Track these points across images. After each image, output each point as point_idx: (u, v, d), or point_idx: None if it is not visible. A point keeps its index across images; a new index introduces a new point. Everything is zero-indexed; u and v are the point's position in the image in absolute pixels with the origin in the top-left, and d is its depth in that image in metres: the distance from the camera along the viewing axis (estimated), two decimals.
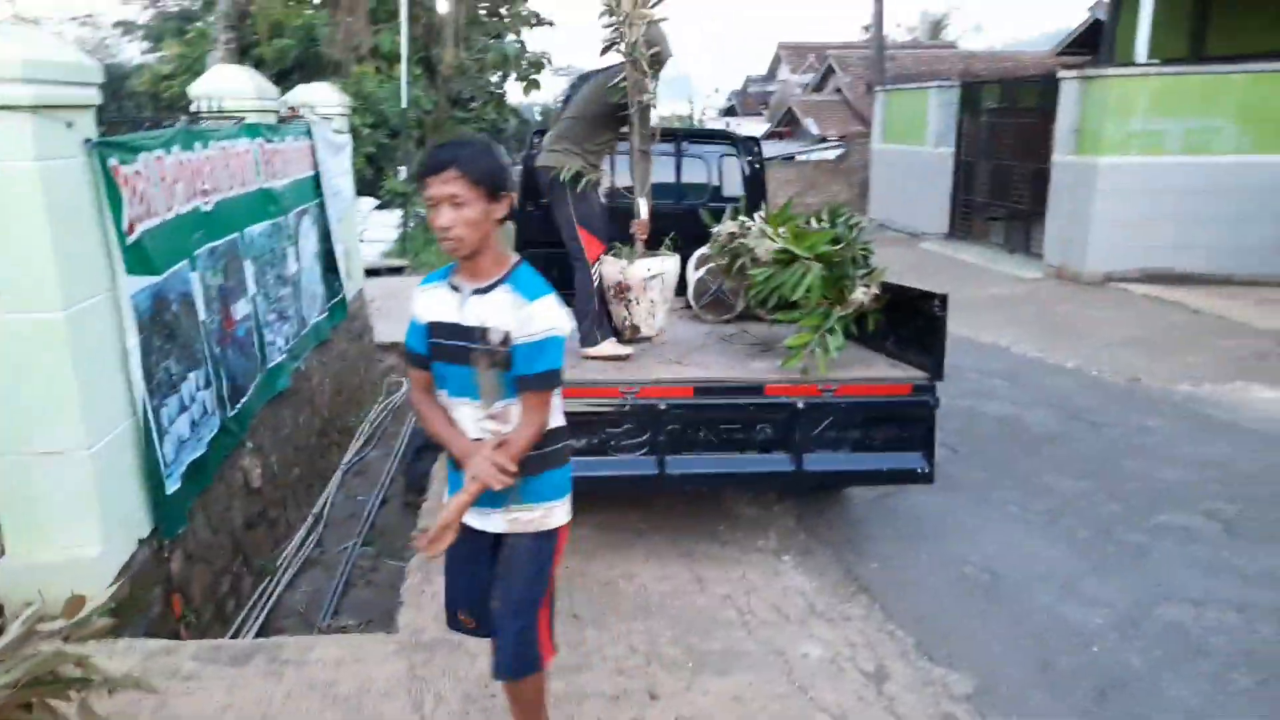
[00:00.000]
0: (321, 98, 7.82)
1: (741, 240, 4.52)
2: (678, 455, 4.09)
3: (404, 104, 16.79)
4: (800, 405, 4.12)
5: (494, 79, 23.44)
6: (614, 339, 4.65)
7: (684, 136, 6.57)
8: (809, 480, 4.24)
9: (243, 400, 4.84)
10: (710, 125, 24.26)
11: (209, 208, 4.63)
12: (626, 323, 4.80)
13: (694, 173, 6.63)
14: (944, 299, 4.14)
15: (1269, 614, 3.84)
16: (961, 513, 4.88)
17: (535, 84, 24.14)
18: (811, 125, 28.49)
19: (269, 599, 4.67)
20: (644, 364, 4.45)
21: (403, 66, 16.59)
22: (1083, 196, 12.01)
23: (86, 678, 2.17)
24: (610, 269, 4.76)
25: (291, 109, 6.98)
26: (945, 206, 15.82)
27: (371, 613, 4.70)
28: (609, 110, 4.65)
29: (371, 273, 13.47)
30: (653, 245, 5.00)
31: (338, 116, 8.13)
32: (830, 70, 31.54)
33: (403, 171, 17.34)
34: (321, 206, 7.02)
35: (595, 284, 4.66)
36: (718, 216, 5.78)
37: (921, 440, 4.24)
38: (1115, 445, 5.95)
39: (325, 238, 7.07)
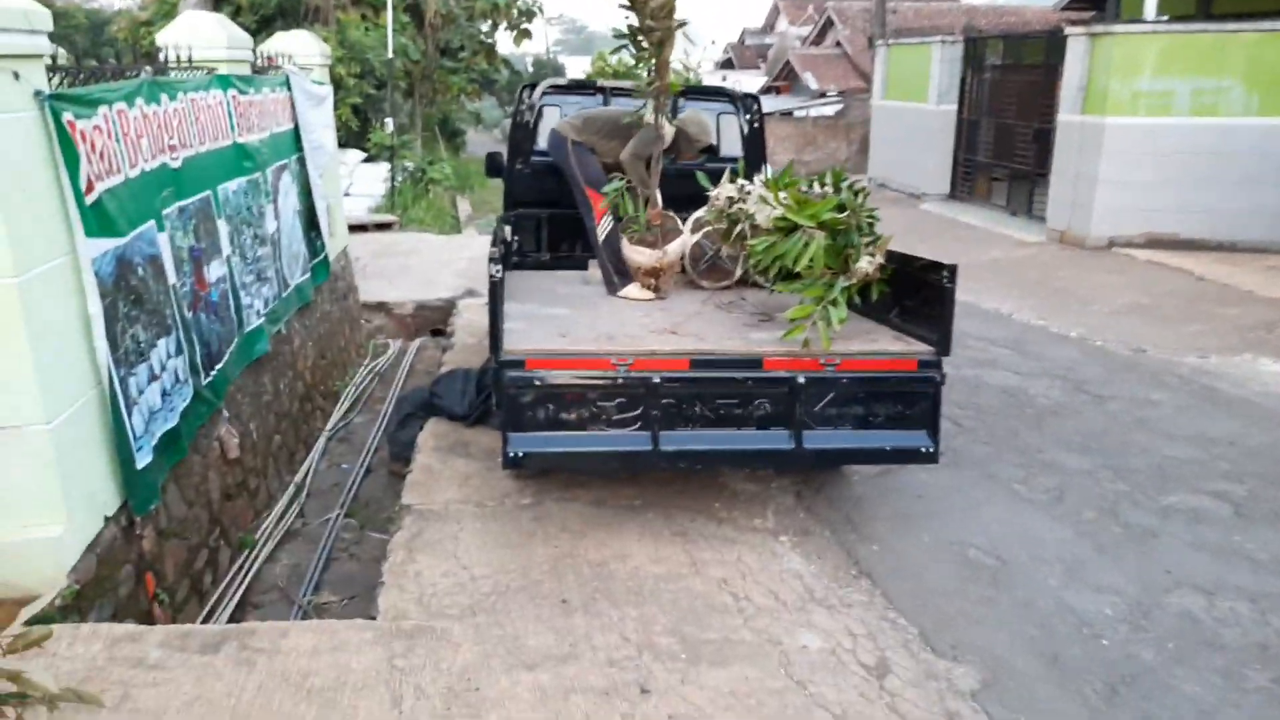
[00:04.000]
0: (300, 47, 7.48)
1: (740, 205, 4.29)
2: (672, 431, 3.91)
3: (390, 53, 16.32)
4: (801, 380, 3.93)
5: (484, 28, 22.86)
6: (638, 284, 5.06)
7: (680, 94, 6.28)
8: (808, 459, 4.07)
9: (218, 366, 4.63)
10: (706, 78, 23.69)
11: (177, 164, 4.37)
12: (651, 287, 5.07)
13: None
14: (953, 270, 3.94)
15: None
16: (965, 490, 4.72)
17: (526, 34, 23.59)
18: (810, 79, 27.99)
19: (247, 574, 4.50)
20: (637, 333, 4.25)
21: (388, 14, 16.10)
22: (1088, 158, 11.75)
23: (22, 694, 2.00)
24: (642, 257, 4.99)
25: (268, 59, 6.67)
26: (947, 166, 15.52)
27: (354, 588, 4.54)
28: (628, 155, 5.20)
29: (358, 229, 13.16)
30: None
31: (318, 67, 7.81)
32: (830, 23, 30.90)
33: (390, 124, 16.91)
34: (302, 161, 6.73)
35: (602, 234, 5.12)
36: (715, 178, 5.59)
37: (926, 418, 4.07)
38: (1120, 419, 5.79)
39: (306, 194, 6.79)
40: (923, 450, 4.06)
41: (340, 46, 16.43)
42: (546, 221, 6.24)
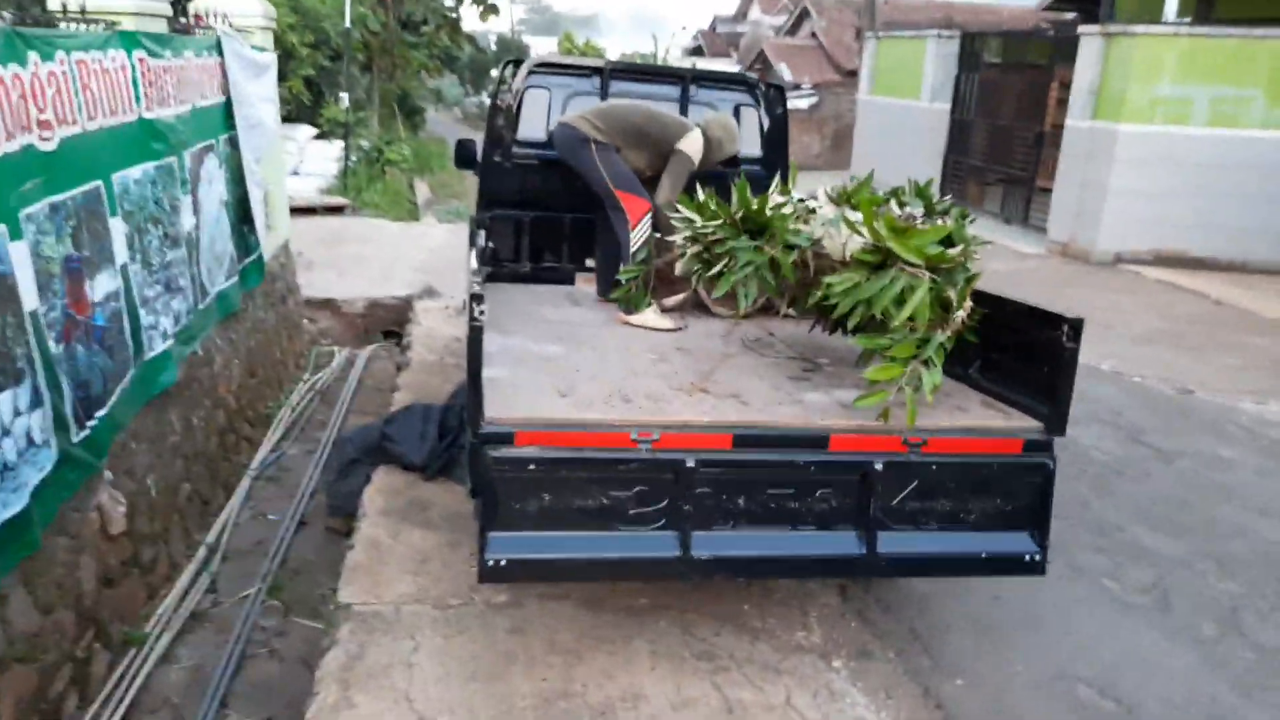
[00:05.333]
0: (239, 6, 6.32)
1: (800, 225, 3.30)
2: (708, 531, 2.92)
3: (348, 23, 15.03)
4: (878, 466, 2.97)
5: (449, 2, 21.57)
6: (655, 308, 4.29)
7: (693, 79, 5.29)
8: (882, 567, 3.10)
9: (101, 413, 3.54)
10: (675, 66, 22.68)
11: (50, 146, 3.27)
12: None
13: None
14: (1077, 326, 3.02)
15: None
16: (1049, 587, 3.81)
17: (493, 9, 22.35)
18: (785, 71, 27.09)
19: (130, 687, 3.43)
20: (656, 389, 3.25)
21: None
22: (1098, 166, 10.99)
23: None
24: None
25: (196, 17, 5.52)
26: (938, 168, 14.69)
27: (272, 704, 3.50)
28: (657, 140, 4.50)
29: (306, 211, 11.96)
30: None
31: (260, 30, 6.65)
32: (805, 13, 30.04)
33: (345, 98, 15.63)
34: (234, 142, 5.60)
35: (639, 243, 4.37)
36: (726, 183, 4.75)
37: (1032, 516, 3.14)
38: (1196, 485, 4.95)
39: (238, 181, 5.66)
40: (1026, 559, 3.13)
41: (293, 13, 15.10)
42: (529, 226, 5.21)
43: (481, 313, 2.69)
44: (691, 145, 4.49)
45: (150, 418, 4.12)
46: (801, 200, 3.41)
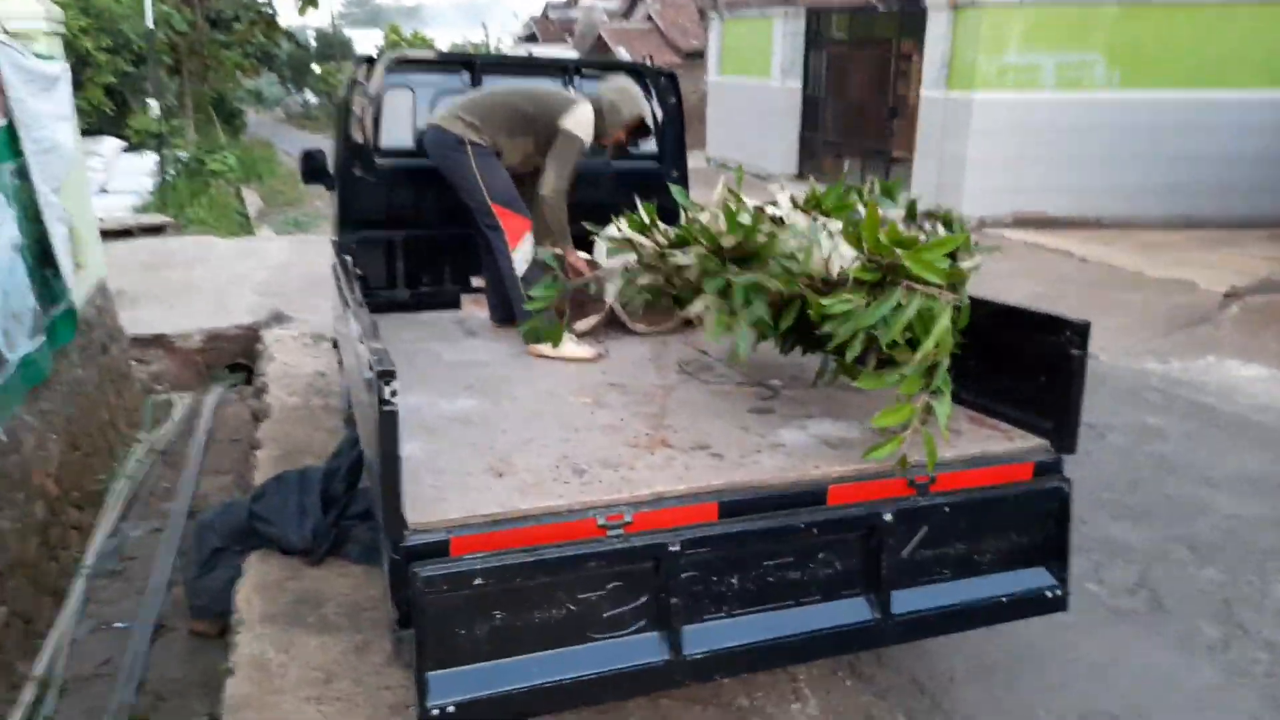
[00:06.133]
0: (13, 6, 5.23)
1: (760, 230, 2.76)
2: (699, 623, 2.37)
3: (149, 23, 13.51)
4: (887, 517, 2.50)
5: None
6: (571, 335, 3.79)
7: (575, 70, 4.70)
8: (900, 632, 2.61)
9: None
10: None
11: None
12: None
13: None
14: (1083, 330, 2.64)
15: None
16: None
17: (312, 2, 20.93)
18: (624, 55, 26.70)
19: None
20: (607, 446, 2.68)
21: None
22: (956, 136, 11.08)
23: None
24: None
25: None
26: (794, 145, 14.64)
27: None
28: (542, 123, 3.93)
29: (121, 234, 10.63)
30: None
31: (44, 36, 5.55)
32: None
33: (154, 105, 14.09)
34: (24, 173, 4.59)
35: (521, 264, 3.89)
36: (636, 181, 4.36)
37: (1050, 547, 2.75)
38: (1135, 459, 4.79)
39: (34, 219, 4.65)
40: (1049, 595, 2.74)
41: (84, 15, 13.44)
42: (402, 247, 4.50)
43: (393, 394, 2.03)
44: (578, 121, 3.89)
45: None
46: (760, 208, 2.87)
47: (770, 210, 2.81)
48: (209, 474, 5.41)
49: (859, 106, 13.44)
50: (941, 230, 2.81)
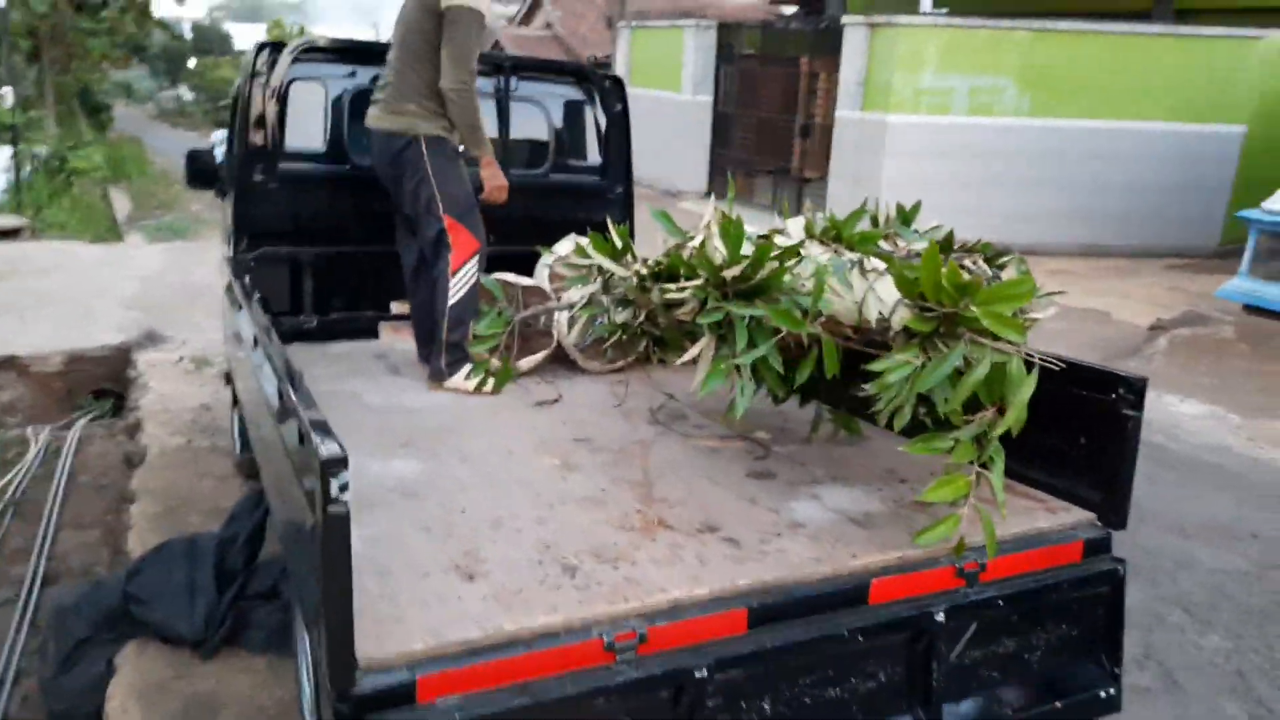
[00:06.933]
0: None
1: (778, 265, 2.30)
2: None
3: (1, 2, 12.19)
4: (939, 616, 2.08)
5: None
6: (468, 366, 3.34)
7: (512, 69, 4.18)
8: None
9: None
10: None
11: None
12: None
13: (528, 126, 4.30)
14: (1139, 387, 2.30)
15: None
16: None
17: None
18: None
19: None
20: (592, 529, 2.17)
21: None
22: (870, 158, 10.99)
23: None
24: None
25: None
26: (704, 161, 14.36)
27: None
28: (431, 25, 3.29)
29: None
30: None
31: None
32: (538, 3, 29.15)
33: (8, 94, 12.72)
34: None
35: (459, 291, 3.34)
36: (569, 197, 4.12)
37: (1103, 639, 2.39)
38: None
39: None
40: (1103, 696, 2.37)
41: None
42: (310, 266, 3.87)
43: (343, 489, 1.49)
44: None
45: None
46: (764, 237, 2.42)
47: (782, 239, 2.37)
48: (69, 528, 4.59)
49: (770, 124, 13.27)
50: (984, 267, 2.43)
